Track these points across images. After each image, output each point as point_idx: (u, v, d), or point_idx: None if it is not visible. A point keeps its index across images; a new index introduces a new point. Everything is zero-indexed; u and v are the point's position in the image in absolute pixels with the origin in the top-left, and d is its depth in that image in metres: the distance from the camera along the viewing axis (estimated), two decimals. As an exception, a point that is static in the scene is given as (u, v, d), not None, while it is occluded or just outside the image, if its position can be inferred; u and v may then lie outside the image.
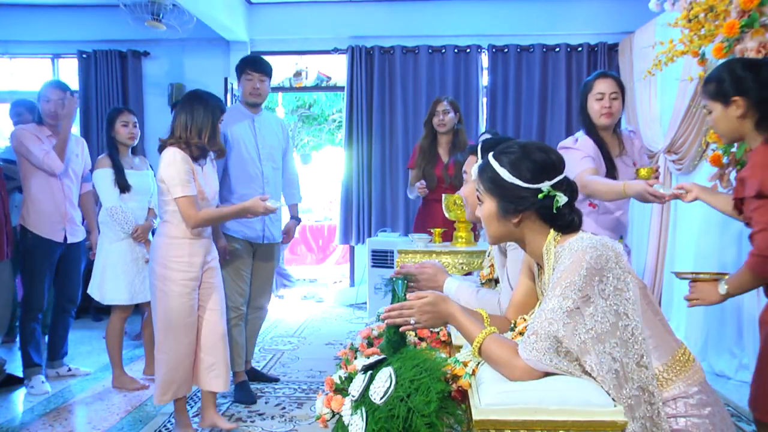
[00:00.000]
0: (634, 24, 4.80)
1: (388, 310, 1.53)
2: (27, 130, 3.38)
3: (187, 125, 2.54)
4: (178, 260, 2.52)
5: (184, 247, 2.54)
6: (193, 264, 2.56)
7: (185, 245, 2.55)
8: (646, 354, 1.31)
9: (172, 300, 2.52)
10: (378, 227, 5.56)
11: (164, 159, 2.51)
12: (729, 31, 1.93)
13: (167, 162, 2.48)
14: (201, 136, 2.54)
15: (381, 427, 1.37)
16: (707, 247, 3.64)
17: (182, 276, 2.53)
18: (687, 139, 3.84)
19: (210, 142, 2.58)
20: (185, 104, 2.58)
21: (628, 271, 1.34)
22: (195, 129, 2.53)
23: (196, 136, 2.53)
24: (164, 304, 2.52)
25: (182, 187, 2.47)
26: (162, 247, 2.54)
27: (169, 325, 2.53)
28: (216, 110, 2.59)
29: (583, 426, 1.24)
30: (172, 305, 2.52)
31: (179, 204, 2.48)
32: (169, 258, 2.52)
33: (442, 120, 3.64)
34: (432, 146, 3.74)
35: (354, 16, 5.59)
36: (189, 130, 2.53)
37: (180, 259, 2.53)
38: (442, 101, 3.69)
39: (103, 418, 2.95)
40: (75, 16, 5.66)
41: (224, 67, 5.63)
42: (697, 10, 2.11)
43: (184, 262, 2.53)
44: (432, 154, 3.73)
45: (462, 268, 3.20)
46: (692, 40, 2.19)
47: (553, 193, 1.40)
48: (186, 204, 2.47)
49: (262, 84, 3.19)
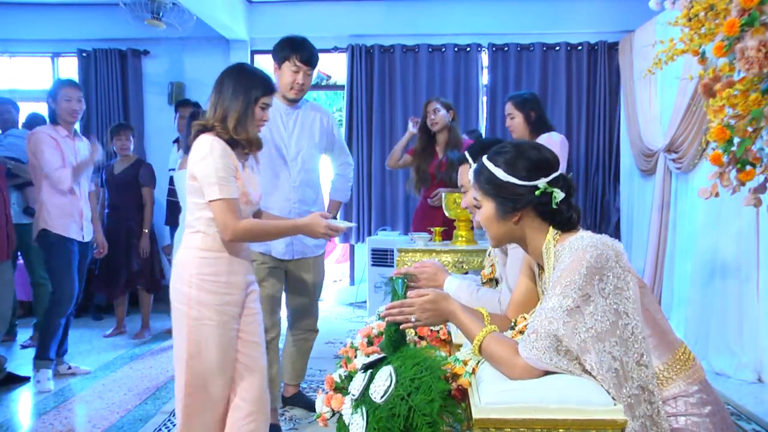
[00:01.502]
0: (635, 23, 4.80)
1: (389, 307, 1.53)
2: (45, 133, 3.40)
3: (214, 105, 2.01)
4: (214, 280, 1.96)
5: (221, 264, 1.98)
6: (233, 285, 2.00)
7: (223, 261, 1.98)
8: (646, 353, 1.31)
9: (207, 331, 1.94)
10: (378, 226, 5.56)
11: (197, 150, 1.94)
12: (729, 29, 1.93)
13: (201, 154, 1.92)
14: (225, 121, 1.97)
15: (382, 426, 1.37)
16: (707, 247, 3.64)
17: (220, 300, 1.96)
18: (687, 138, 3.84)
19: (237, 130, 1.97)
20: (217, 81, 2.07)
21: (628, 270, 1.34)
22: (221, 111, 1.98)
23: (220, 120, 1.98)
24: (195, 335, 1.94)
25: (220, 187, 1.90)
26: (191, 263, 1.97)
27: (201, 364, 1.95)
28: (251, 90, 2.00)
29: (583, 425, 1.24)
30: (206, 336, 1.95)
31: (215, 209, 1.91)
32: (202, 277, 1.95)
33: (433, 119, 3.67)
34: (429, 145, 3.76)
35: (354, 15, 5.59)
36: (214, 111, 2.00)
37: (216, 279, 1.96)
38: (432, 101, 3.73)
39: (103, 417, 2.95)
40: (75, 15, 5.65)
41: (224, 65, 5.55)
42: (697, 9, 2.10)
43: (221, 282, 1.97)
44: (429, 152, 3.76)
45: (462, 266, 3.20)
46: (692, 38, 2.18)
47: (550, 190, 1.41)
48: (223, 209, 1.91)
49: (307, 78, 2.67)
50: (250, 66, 2.14)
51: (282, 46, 2.65)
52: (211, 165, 1.90)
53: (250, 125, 2.01)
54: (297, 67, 2.61)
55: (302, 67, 2.62)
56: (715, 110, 2.13)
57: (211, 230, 1.97)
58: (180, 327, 1.98)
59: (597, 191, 5.40)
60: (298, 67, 2.62)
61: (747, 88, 2.00)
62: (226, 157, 1.93)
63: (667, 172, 4.20)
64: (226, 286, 1.98)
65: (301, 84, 2.65)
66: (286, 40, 2.67)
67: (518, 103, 3.38)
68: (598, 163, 5.38)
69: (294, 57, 2.61)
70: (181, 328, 1.97)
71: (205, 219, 1.97)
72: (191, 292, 1.95)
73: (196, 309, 1.94)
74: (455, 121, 3.75)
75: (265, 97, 2.04)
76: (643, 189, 4.76)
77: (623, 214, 5.19)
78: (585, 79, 5.35)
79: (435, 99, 3.76)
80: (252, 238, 2.07)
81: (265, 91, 2.04)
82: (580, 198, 5.36)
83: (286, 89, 2.65)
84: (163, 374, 3.60)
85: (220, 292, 1.97)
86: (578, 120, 5.38)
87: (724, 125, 2.08)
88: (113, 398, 3.21)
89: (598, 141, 5.37)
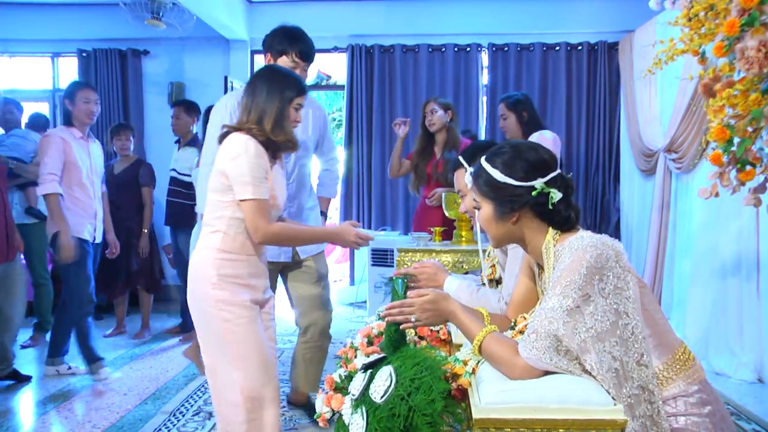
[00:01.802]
0: (635, 23, 4.80)
1: (389, 307, 1.54)
2: (58, 135, 3.41)
3: (248, 108, 1.98)
4: (234, 282, 1.90)
5: (241, 266, 1.92)
6: (253, 287, 1.96)
7: (243, 263, 1.93)
8: (646, 353, 1.31)
9: (241, 329, 1.87)
10: (378, 226, 5.56)
11: (230, 148, 1.90)
12: (729, 29, 1.93)
13: (236, 152, 1.88)
14: (262, 123, 1.94)
15: (382, 426, 1.37)
16: (707, 246, 3.64)
17: (245, 298, 1.91)
18: (687, 138, 3.84)
19: (275, 131, 1.94)
20: (249, 83, 2.05)
21: (628, 269, 1.34)
22: (256, 113, 1.95)
23: (255, 122, 1.94)
24: (234, 337, 1.87)
25: (254, 187, 1.85)
26: (211, 263, 1.89)
27: (250, 365, 1.89)
28: (285, 90, 1.98)
29: (583, 425, 1.24)
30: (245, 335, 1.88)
31: (247, 209, 1.86)
32: (223, 278, 1.89)
33: (430, 120, 3.69)
34: (428, 145, 3.78)
35: (354, 15, 5.59)
36: (249, 113, 1.97)
37: (236, 280, 1.91)
38: (430, 101, 3.75)
39: (104, 417, 2.95)
40: (75, 15, 5.64)
41: (224, 65, 5.63)
42: (697, 9, 2.10)
43: (242, 284, 1.92)
44: (427, 152, 3.78)
45: (462, 266, 3.20)
46: (692, 38, 2.18)
47: (547, 190, 1.41)
48: (257, 210, 1.86)
49: (304, 74, 2.51)
50: (281, 67, 2.11)
51: (279, 38, 2.46)
52: (246, 164, 1.86)
53: (287, 125, 1.99)
54: (295, 62, 2.43)
55: (300, 63, 2.45)
56: (715, 110, 2.13)
57: (231, 230, 1.91)
58: (212, 333, 1.89)
59: (597, 191, 5.40)
60: (296, 63, 2.43)
61: (747, 88, 2.00)
62: (260, 157, 1.89)
63: (667, 172, 4.20)
64: (246, 287, 1.92)
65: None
66: (283, 32, 2.47)
67: (511, 104, 3.48)
68: (598, 163, 5.38)
69: (293, 51, 2.43)
70: (215, 334, 1.88)
71: (226, 218, 1.91)
72: (216, 293, 1.87)
73: (227, 310, 1.87)
74: (454, 122, 3.75)
75: (299, 97, 2.02)
76: (643, 189, 4.76)
77: (623, 214, 5.19)
78: (585, 79, 5.35)
79: (433, 99, 3.77)
80: (281, 241, 2.05)
81: (298, 92, 2.01)
82: (580, 198, 5.36)
83: None
84: (163, 374, 3.60)
85: (245, 291, 1.92)
86: (578, 120, 5.38)
87: (724, 125, 2.08)
88: (113, 398, 3.21)
89: (598, 141, 5.37)
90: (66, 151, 3.37)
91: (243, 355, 1.87)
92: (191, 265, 1.97)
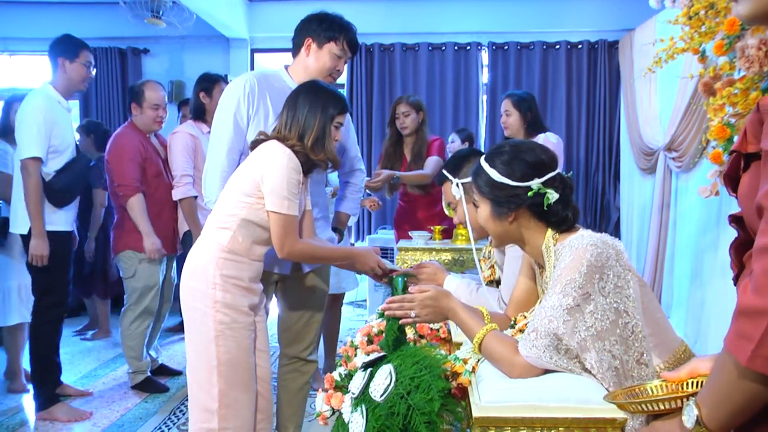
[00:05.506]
0: (635, 21, 4.79)
1: (389, 301, 1.54)
2: (188, 133, 3.53)
3: (287, 123, 1.94)
4: (236, 284, 1.87)
5: (243, 269, 1.89)
6: (253, 291, 1.93)
7: (245, 267, 1.89)
8: (647, 351, 1.31)
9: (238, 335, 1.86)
10: (378, 225, 5.56)
11: (271, 155, 1.87)
12: (729, 28, 1.93)
13: (276, 161, 1.85)
14: (303, 140, 1.91)
15: (381, 425, 1.37)
16: (707, 246, 3.64)
17: (245, 302, 1.89)
18: (687, 137, 3.83)
19: (315, 149, 1.91)
20: (290, 98, 1.98)
21: (628, 268, 1.34)
22: (296, 129, 1.92)
23: (296, 138, 1.91)
24: (225, 340, 1.83)
25: (289, 202, 1.84)
26: (213, 263, 1.84)
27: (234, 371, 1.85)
28: (328, 108, 1.93)
29: (582, 423, 1.24)
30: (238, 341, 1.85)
31: (278, 222, 1.84)
32: (226, 279, 1.85)
33: (403, 123, 3.56)
34: (397, 147, 3.66)
35: (354, 14, 5.47)
36: (289, 129, 1.93)
37: (239, 283, 1.87)
38: (402, 102, 3.56)
39: (104, 416, 2.95)
40: (75, 14, 5.65)
41: (224, 64, 5.63)
42: (697, 7, 2.10)
43: (243, 287, 1.89)
44: (397, 156, 3.66)
45: (462, 265, 3.20)
46: (693, 37, 2.19)
47: (544, 191, 1.41)
48: (285, 225, 1.85)
49: (342, 70, 2.33)
50: (323, 83, 2.06)
51: (327, 24, 2.25)
52: (285, 177, 1.84)
53: (329, 144, 1.95)
54: (343, 51, 2.23)
55: (347, 53, 2.25)
56: (715, 109, 2.13)
57: (241, 232, 1.87)
58: (203, 333, 1.83)
59: (597, 190, 5.40)
60: (344, 52, 2.23)
61: (747, 87, 2.00)
62: (298, 174, 1.88)
63: (667, 170, 4.20)
64: (246, 291, 1.89)
65: (340, 72, 2.30)
66: (332, 18, 2.29)
67: (516, 101, 3.42)
68: (598, 162, 5.38)
69: (343, 40, 2.23)
70: (206, 334, 1.83)
71: (239, 218, 1.86)
72: (216, 294, 1.83)
73: (223, 312, 1.83)
74: (424, 122, 3.61)
75: (340, 115, 1.97)
76: (643, 188, 4.76)
77: (623, 213, 5.18)
78: (585, 77, 5.35)
79: (405, 99, 3.57)
80: (303, 258, 2.05)
81: (341, 110, 1.97)
82: (580, 197, 5.36)
83: (320, 73, 2.21)
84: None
85: (245, 295, 1.89)
86: (578, 118, 5.38)
87: (725, 124, 2.08)
88: (113, 397, 3.21)
89: (598, 140, 5.37)
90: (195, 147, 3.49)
91: (229, 360, 1.83)
92: (191, 259, 1.91)
